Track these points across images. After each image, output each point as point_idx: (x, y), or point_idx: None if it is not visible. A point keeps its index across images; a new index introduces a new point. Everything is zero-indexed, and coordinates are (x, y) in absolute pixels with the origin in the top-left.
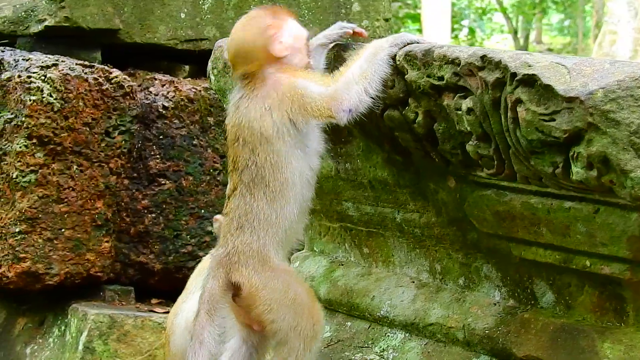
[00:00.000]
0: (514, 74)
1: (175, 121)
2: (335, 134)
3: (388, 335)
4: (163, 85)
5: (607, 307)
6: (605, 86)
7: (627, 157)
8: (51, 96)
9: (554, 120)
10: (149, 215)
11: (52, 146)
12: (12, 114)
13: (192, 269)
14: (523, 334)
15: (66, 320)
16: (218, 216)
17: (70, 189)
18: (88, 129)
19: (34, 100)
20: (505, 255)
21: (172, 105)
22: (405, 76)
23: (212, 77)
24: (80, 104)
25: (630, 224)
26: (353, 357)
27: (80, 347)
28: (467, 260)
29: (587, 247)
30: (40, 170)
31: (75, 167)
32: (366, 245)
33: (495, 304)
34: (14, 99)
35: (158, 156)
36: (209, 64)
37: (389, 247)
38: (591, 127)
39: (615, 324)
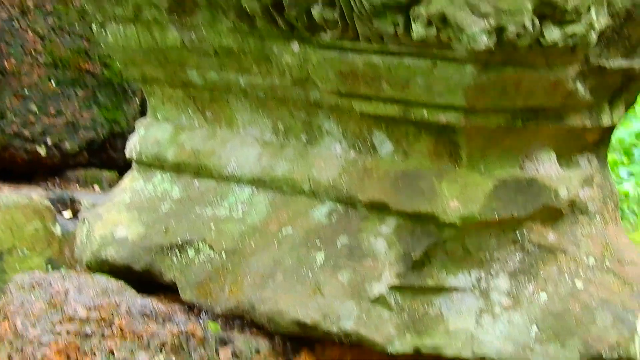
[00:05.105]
0: None
1: None
2: (179, 6)
3: (236, 192)
4: None
5: (443, 153)
6: None
7: (463, 15)
8: None
9: None
10: None
11: None
12: None
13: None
14: (366, 181)
15: None
16: None
17: None
18: None
19: None
20: (346, 112)
21: None
22: None
23: None
24: None
25: (466, 75)
26: (203, 212)
27: None
28: (309, 118)
29: (425, 98)
30: None
31: None
32: (209, 109)
33: (337, 157)
34: None
35: None
36: None
37: (231, 110)
38: None
39: (451, 166)
